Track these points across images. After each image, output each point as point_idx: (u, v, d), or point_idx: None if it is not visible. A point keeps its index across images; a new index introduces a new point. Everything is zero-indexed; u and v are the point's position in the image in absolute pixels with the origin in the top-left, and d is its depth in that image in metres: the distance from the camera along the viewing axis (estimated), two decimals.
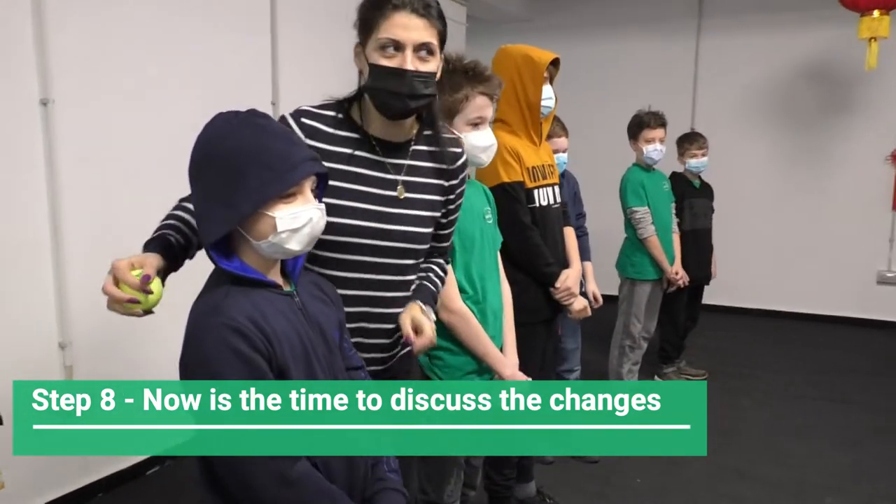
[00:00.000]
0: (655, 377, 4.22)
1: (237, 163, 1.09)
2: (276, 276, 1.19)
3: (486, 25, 5.95)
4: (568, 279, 2.43)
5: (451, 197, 1.57)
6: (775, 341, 5.13)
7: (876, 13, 3.86)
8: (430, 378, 1.83)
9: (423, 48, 1.37)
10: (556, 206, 2.48)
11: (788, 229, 5.71)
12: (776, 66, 5.55)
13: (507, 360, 1.85)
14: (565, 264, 2.52)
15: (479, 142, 1.79)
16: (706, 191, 4.22)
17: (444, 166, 1.54)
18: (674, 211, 3.93)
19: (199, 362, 1.07)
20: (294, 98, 3.60)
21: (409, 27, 1.35)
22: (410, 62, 1.35)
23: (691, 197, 4.08)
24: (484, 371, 1.85)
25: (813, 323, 5.58)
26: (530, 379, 1.87)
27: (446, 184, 1.54)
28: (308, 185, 1.15)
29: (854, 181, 5.46)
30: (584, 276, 3.12)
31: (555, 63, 2.42)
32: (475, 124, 1.81)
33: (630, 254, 3.78)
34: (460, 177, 1.58)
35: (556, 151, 3.56)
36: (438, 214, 1.54)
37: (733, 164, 5.48)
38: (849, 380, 4.27)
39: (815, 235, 5.63)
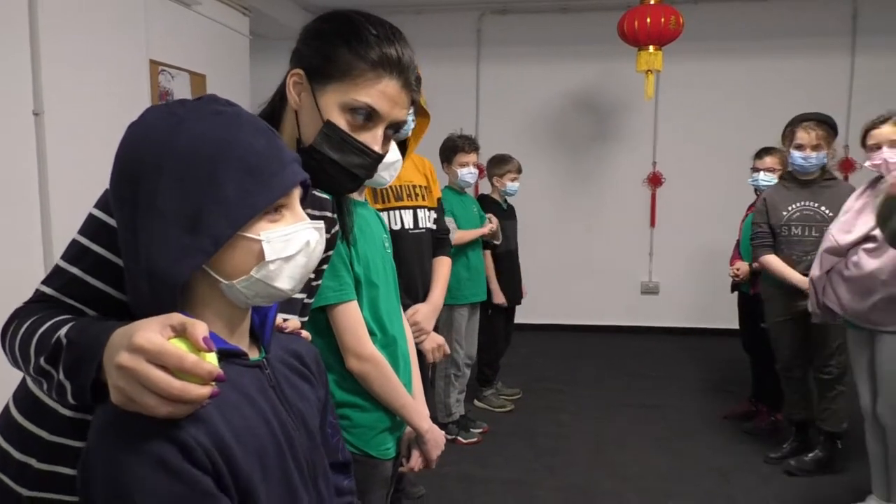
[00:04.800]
0: (476, 401, 4.17)
1: (203, 167, 0.73)
2: (241, 340, 0.83)
3: (270, 42, 5.56)
4: (417, 313, 2.24)
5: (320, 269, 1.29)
6: (567, 354, 5.41)
7: (651, 48, 4.26)
8: None
9: (394, 127, 1.09)
10: (416, 231, 2.28)
11: (565, 247, 6.10)
12: (554, 95, 5.93)
13: (424, 411, 1.59)
14: (424, 297, 2.33)
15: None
16: (512, 213, 4.31)
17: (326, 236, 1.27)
18: None
19: (114, 495, 0.69)
20: (64, 108, 2.97)
21: (396, 102, 1.06)
22: (381, 143, 1.07)
23: (502, 219, 4.12)
24: (398, 427, 1.56)
25: (592, 333, 6.01)
26: (444, 433, 1.63)
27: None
28: (297, 196, 0.81)
29: (619, 202, 6.01)
30: None
31: None
32: None
33: None
34: (331, 251, 1.31)
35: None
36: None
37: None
38: (640, 385, 4.61)
39: (588, 251, 6.08)
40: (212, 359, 0.69)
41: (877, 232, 2.49)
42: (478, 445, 3.61)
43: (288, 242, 0.78)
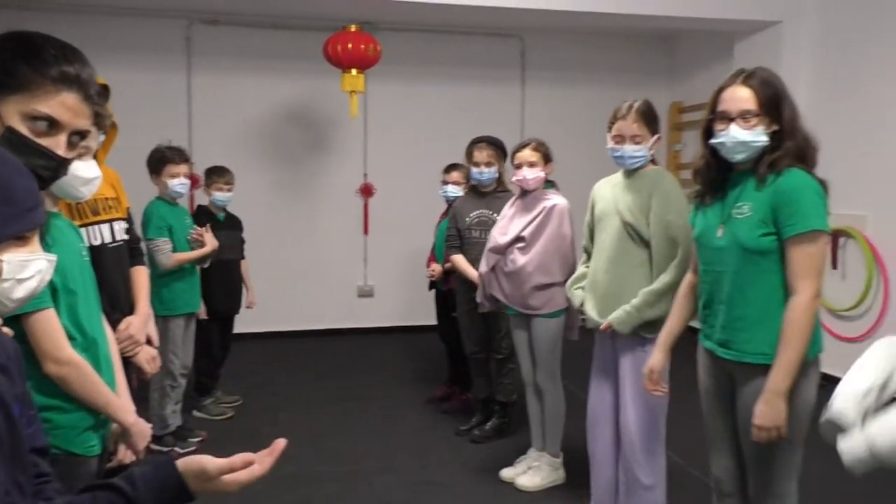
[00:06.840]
0: (195, 411, 4.17)
1: None
2: None
3: None
4: (130, 326, 2.27)
5: None
6: (288, 358, 5.60)
7: (354, 71, 4.64)
8: None
9: (79, 135, 1.23)
10: (114, 244, 2.31)
11: (284, 256, 6.25)
12: (269, 107, 6.08)
13: (129, 407, 1.69)
14: (130, 309, 2.37)
15: (79, 171, 1.59)
16: (232, 223, 4.38)
17: None
18: None
19: None
20: None
21: (77, 113, 1.20)
22: (64, 148, 1.20)
23: (217, 230, 4.17)
24: (102, 424, 1.64)
25: (312, 337, 6.25)
26: (151, 425, 1.75)
27: None
28: (37, 233, 0.97)
29: (334, 211, 6.36)
30: None
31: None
32: None
33: (158, 290, 3.63)
34: None
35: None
36: None
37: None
38: (357, 380, 4.99)
39: (306, 259, 6.32)
40: None
41: (525, 233, 3.12)
42: (196, 454, 3.63)
43: (25, 267, 0.94)
